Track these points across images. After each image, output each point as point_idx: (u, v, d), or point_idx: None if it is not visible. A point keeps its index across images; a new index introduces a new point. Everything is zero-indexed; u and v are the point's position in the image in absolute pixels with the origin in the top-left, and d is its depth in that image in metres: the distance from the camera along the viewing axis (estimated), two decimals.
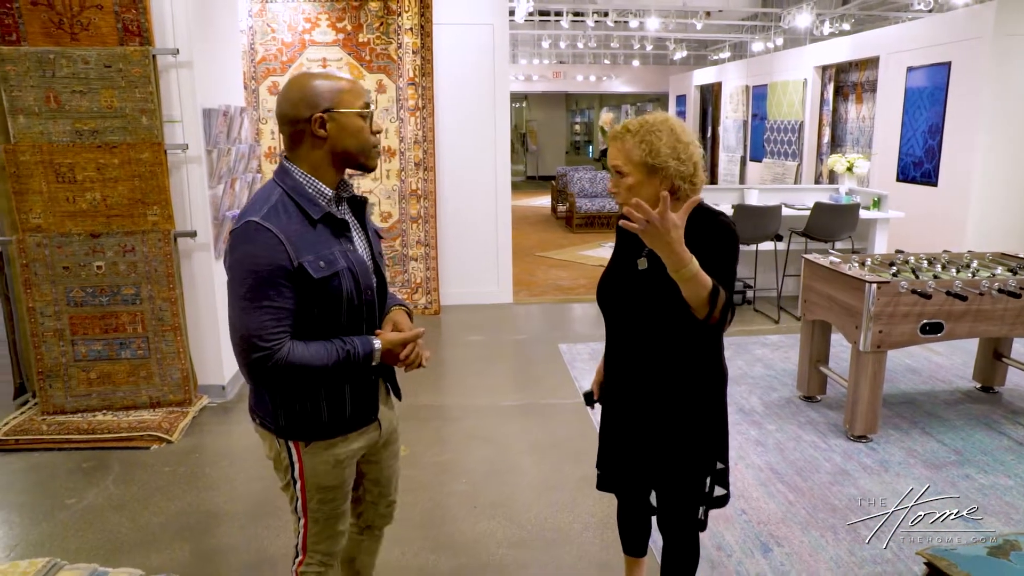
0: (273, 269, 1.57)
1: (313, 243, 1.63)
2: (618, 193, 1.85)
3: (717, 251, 1.79)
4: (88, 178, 3.96)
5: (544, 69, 18.93)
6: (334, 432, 1.78)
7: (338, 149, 1.67)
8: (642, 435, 1.99)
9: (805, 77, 10.65)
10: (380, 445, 1.98)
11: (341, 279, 1.66)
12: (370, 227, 1.86)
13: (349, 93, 1.66)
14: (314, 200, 1.67)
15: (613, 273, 1.99)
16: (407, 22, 6.18)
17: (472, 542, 3.01)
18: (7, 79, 3.79)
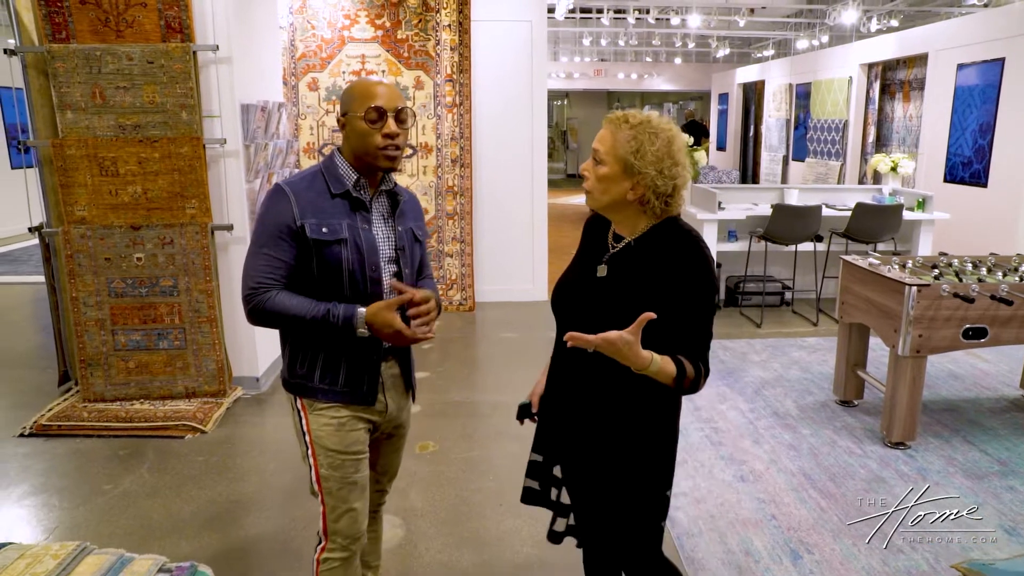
0: (279, 224, 1.79)
1: (323, 211, 1.82)
2: (587, 178, 1.72)
3: (692, 298, 1.63)
4: (130, 171, 4.05)
5: (585, 67, 18.83)
6: (326, 398, 1.90)
7: (354, 148, 1.85)
8: (581, 452, 1.80)
9: (850, 75, 10.42)
10: (383, 434, 2.08)
11: (342, 248, 1.82)
12: (403, 223, 1.97)
13: (357, 99, 1.82)
14: (339, 179, 1.86)
15: (570, 277, 1.84)
16: (445, 19, 6.19)
17: (496, 539, 3.00)
18: (56, 76, 3.90)
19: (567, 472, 1.86)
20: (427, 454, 3.76)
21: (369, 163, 1.84)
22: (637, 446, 1.74)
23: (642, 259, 1.67)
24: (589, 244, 1.86)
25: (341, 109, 1.87)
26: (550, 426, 1.91)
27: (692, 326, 1.64)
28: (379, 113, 1.79)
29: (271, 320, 1.81)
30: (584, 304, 1.73)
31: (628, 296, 1.64)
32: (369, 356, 1.92)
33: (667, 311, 1.59)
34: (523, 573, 2.79)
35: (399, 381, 2.06)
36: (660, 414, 1.75)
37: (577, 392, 1.80)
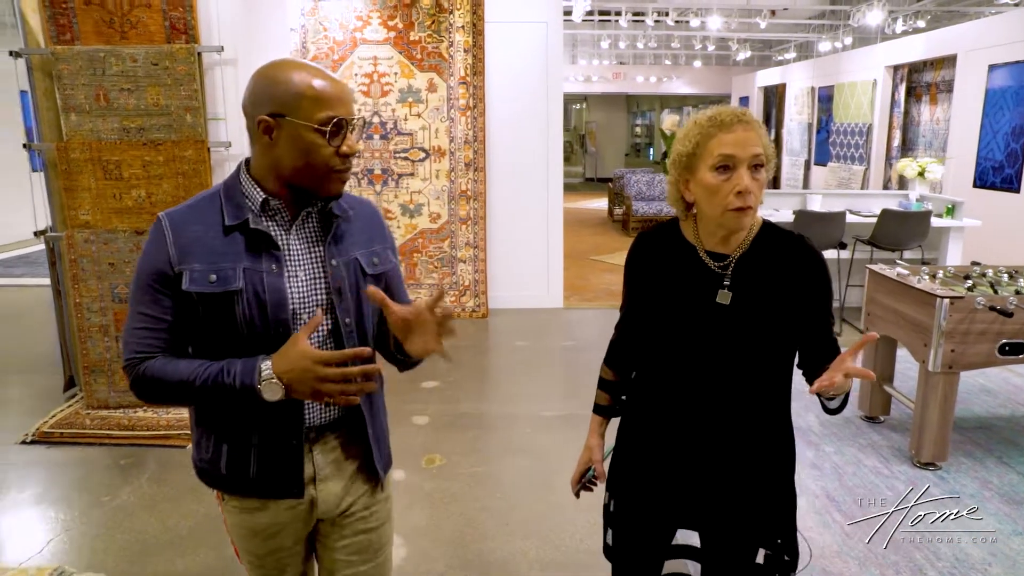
0: (153, 271, 1.36)
1: (212, 251, 1.36)
2: (750, 194, 1.43)
3: (827, 293, 1.55)
4: (134, 175, 3.97)
5: (604, 70, 18.69)
6: (235, 489, 1.48)
7: (284, 164, 1.35)
8: (704, 504, 1.62)
9: (875, 78, 10.19)
10: (330, 526, 1.57)
11: (236, 302, 1.35)
12: (341, 253, 1.46)
13: (309, 99, 1.31)
14: (239, 204, 1.38)
15: (680, 311, 1.56)
16: (459, 20, 6.08)
17: (502, 562, 2.87)
18: (61, 78, 3.83)
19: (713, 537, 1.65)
20: (433, 468, 3.63)
21: (309, 188, 1.38)
22: (788, 487, 1.64)
23: (762, 271, 1.52)
24: (668, 277, 1.59)
25: (265, 107, 1.33)
26: (682, 491, 1.64)
27: (829, 323, 1.56)
28: (339, 126, 1.33)
29: (156, 394, 1.37)
30: (709, 342, 1.53)
31: (759, 316, 1.51)
32: (286, 438, 1.43)
33: (802, 317, 1.52)
34: None
35: (345, 465, 1.54)
36: (787, 453, 1.64)
37: (707, 441, 1.59)
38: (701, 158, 1.47)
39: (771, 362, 1.54)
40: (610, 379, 1.83)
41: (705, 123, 1.47)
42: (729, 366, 1.53)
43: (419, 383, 4.75)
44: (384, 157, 6.33)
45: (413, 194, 6.40)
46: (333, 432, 1.50)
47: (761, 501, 1.60)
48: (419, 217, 6.44)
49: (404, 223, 6.44)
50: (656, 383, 1.64)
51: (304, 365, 1.28)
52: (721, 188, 1.44)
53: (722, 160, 1.43)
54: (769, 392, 1.57)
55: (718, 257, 1.54)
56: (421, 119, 6.26)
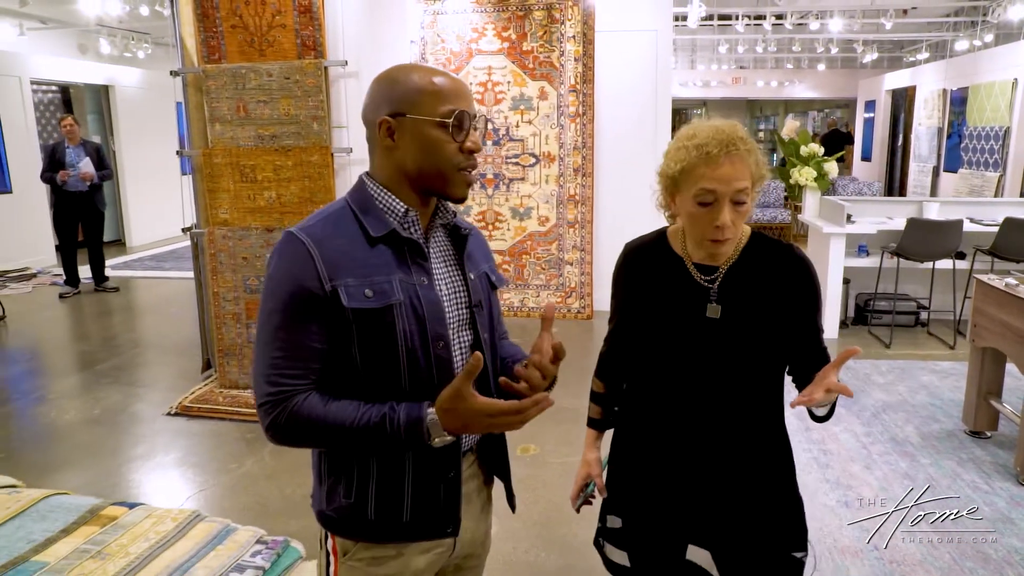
0: (297, 292, 1.22)
1: (363, 265, 1.26)
2: (727, 229, 1.45)
3: (814, 302, 1.55)
4: (266, 178, 4.42)
5: (723, 75, 18.38)
6: (383, 536, 1.34)
7: (408, 166, 1.30)
8: (708, 520, 1.60)
9: (1015, 77, 9.58)
10: (450, 568, 1.49)
11: (396, 317, 1.26)
12: (475, 268, 1.43)
13: (429, 94, 1.27)
14: (380, 216, 1.30)
15: (670, 325, 1.55)
16: (570, 30, 6.29)
17: (583, 545, 3.04)
18: (209, 92, 4.33)
19: (724, 553, 1.60)
20: (527, 457, 3.85)
21: (436, 188, 1.32)
22: (769, 506, 1.60)
23: (751, 283, 1.52)
24: (657, 290, 1.58)
25: (385, 108, 1.28)
26: (685, 506, 1.61)
27: (818, 332, 1.57)
28: (461, 119, 1.28)
29: (302, 438, 1.26)
30: (700, 356, 1.52)
31: (750, 328, 1.50)
32: (444, 469, 1.34)
33: (790, 327, 1.52)
34: None
35: (481, 492, 1.49)
36: (785, 465, 1.63)
37: (720, 458, 1.56)
38: (684, 185, 1.46)
39: (762, 373, 1.54)
40: (600, 391, 1.81)
41: (692, 151, 1.43)
42: (721, 379, 1.52)
43: None
44: (496, 162, 6.62)
45: (523, 198, 6.65)
46: (472, 453, 1.43)
47: (765, 511, 1.58)
48: (528, 220, 6.68)
49: (514, 226, 6.70)
50: (648, 397, 1.62)
51: (476, 421, 1.21)
52: (701, 220, 1.45)
53: (704, 195, 1.43)
54: (762, 402, 1.56)
55: (707, 270, 1.54)
56: (532, 126, 6.50)
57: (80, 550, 2.03)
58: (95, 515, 2.22)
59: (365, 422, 1.21)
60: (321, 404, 1.23)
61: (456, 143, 1.28)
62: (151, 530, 2.16)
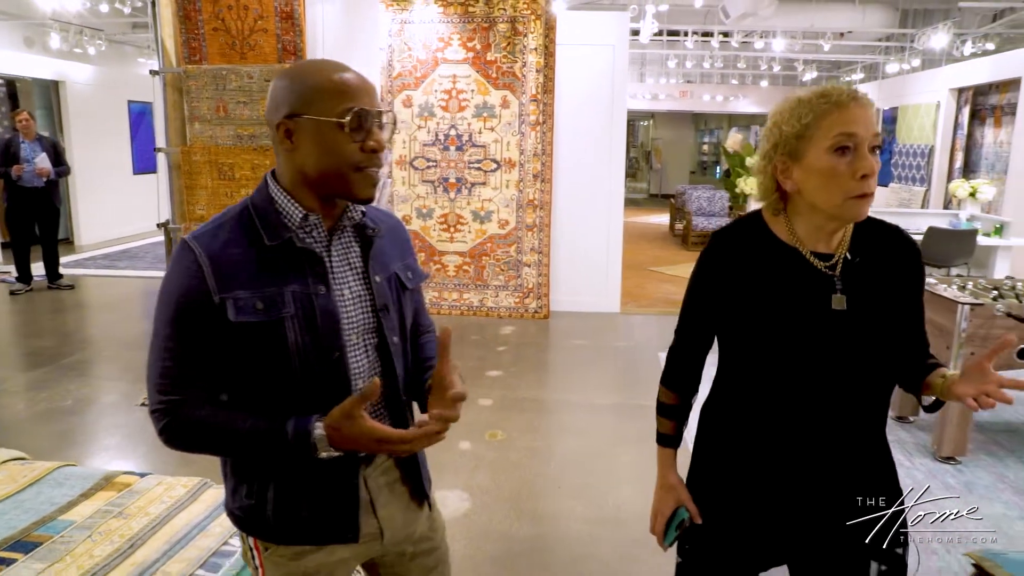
0: (187, 304, 1.22)
1: (255, 276, 1.24)
2: (875, 176, 1.33)
3: (922, 291, 1.49)
4: (244, 176, 4.59)
5: (671, 88, 19.00)
6: (283, 537, 1.34)
7: (308, 168, 1.25)
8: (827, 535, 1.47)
9: (939, 100, 10.29)
10: (402, 556, 1.48)
11: (287, 330, 1.24)
12: (382, 269, 1.38)
13: (326, 93, 1.22)
14: (277, 222, 1.27)
15: (792, 320, 1.41)
16: (532, 42, 6.59)
17: (552, 516, 3.31)
18: (189, 92, 4.48)
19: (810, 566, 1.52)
20: (495, 442, 4.10)
21: (338, 190, 1.27)
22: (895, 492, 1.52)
23: (870, 269, 1.43)
24: (768, 282, 1.43)
25: (283, 109, 1.24)
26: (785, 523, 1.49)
27: (924, 319, 1.50)
28: (361, 118, 1.22)
29: (193, 445, 1.26)
30: (827, 352, 1.40)
31: (877, 319, 1.41)
32: (340, 472, 1.32)
33: (906, 314, 1.45)
34: (574, 545, 3.09)
35: (399, 488, 1.44)
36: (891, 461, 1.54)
37: (841, 462, 1.46)
38: (814, 139, 1.33)
39: (884, 365, 1.44)
40: (672, 403, 1.64)
41: (816, 100, 1.33)
42: (847, 377, 1.41)
43: (484, 372, 5.24)
44: (459, 167, 6.87)
45: (484, 201, 6.92)
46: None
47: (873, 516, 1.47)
48: (488, 223, 6.95)
49: (475, 228, 6.96)
50: (755, 403, 1.48)
51: (363, 441, 1.21)
52: (841, 172, 1.31)
53: (843, 140, 1.30)
54: (880, 397, 1.47)
55: (822, 257, 1.42)
56: (494, 132, 6.78)
57: (102, 511, 2.20)
58: (110, 482, 2.39)
59: (253, 433, 1.21)
60: (211, 414, 1.23)
61: (356, 143, 1.23)
62: (164, 494, 2.34)
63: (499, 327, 6.60)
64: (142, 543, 2.02)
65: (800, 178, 1.37)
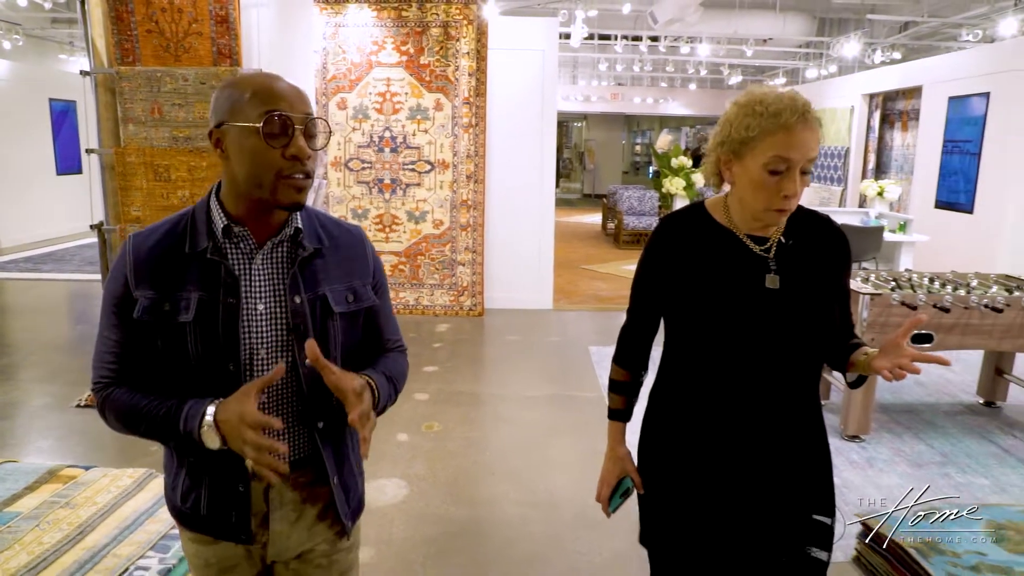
0: (115, 294, 1.32)
1: (171, 278, 1.30)
2: (794, 198, 1.45)
3: (848, 276, 1.61)
4: (180, 178, 4.62)
5: (603, 90, 19.42)
6: (190, 524, 1.43)
7: (237, 176, 1.28)
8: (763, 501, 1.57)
9: (852, 104, 10.88)
10: (284, 568, 1.50)
11: (187, 334, 1.29)
12: (306, 288, 1.37)
13: (247, 100, 1.24)
14: (203, 230, 1.32)
15: (728, 298, 1.51)
16: (465, 47, 6.75)
17: (487, 500, 3.49)
18: (123, 93, 4.49)
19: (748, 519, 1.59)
20: (432, 433, 4.25)
21: (261, 199, 1.28)
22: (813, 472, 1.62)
23: (802, 253, 1.54)
24: (707, 263, 1.54)
25: (215, 117, 1.29)
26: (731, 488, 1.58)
27: (849, 302, 1.61)
28: (283, 123, 1.24)
29: (118, 423, 1.34)
30: (761, 329, 1.51)
31: (807, 298, 1.52)
32: (233, 482, 1.36)
33: (834, 296, 1.56)
34: (507, 527, 3.27)
35: (303, 508, 1.45)
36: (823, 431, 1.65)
37: (758, 431, 1.55)
38: (754, 151, 1.43)
39: (815, 342, 1.54)
40: (623, 380, 1.73)
41: (765, 118, 1.40)
42: (780, 352, 1.51)
43: (420, 368, 5.37)
44: (393, 168, 6.98)
45: (419, 202, 7.05)
46: (297, 473, 1.41)
47: (803, 479, 1.59)
48: (423, 223, 7.08)
49: (410, 228, 7.08)
50: (698, 374, 1.58)
51: (235, 421, 1.21)
52: (769, 187, 1.43)
53: (776, 163, 1.41)
54: (811, 371, 1.57)
55: (757, 240, 1.54)
56: (428, 135, 6.92)
57: (48, 502, 2.27)
58: (54, 475, 2.46)
59: (157, 411, 1.27)
60: (127, 395, 1.31)
61: (276, 149, 1.24)
62: (111, 485, 2.42)
63: (435, 324, 6.75)
64: (91, 529, 2.11)
65: (736, 175, 1.49)
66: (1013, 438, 4.27)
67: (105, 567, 1.87)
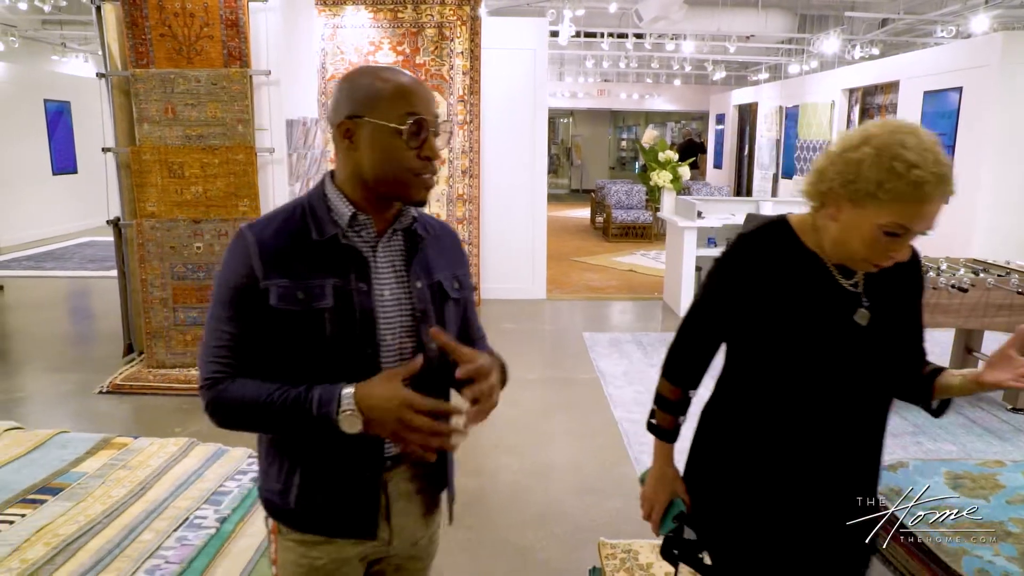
0: (236, 286, 1.28)
1: (300, 267, 1.29)
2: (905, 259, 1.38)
3: (922, 297, 1.54)
4: (193, 174, 4.85)
5: (589, 87, 19.70)
6: (303, 525, 1.38)
7: (365, 170, 1.30)
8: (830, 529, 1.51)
9: (833, 99, 11.22)
10: (396, 557, 1.49)
11: (325, 321, 1.29)
12: (424, 276, 1.40)
13: (387, 99, 1.26)
14: (327, 219, 1.33)
15: (814, 331, 1.42)
16: (459, 47, 7.01)
17: (492, 471, 3.77)
18: (137, 95, 4.72)
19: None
20: None
21: (393, 193, 1.32)
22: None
23: (886, 284, 1.45)
24: (792, 291, 1.43)
25: (347, 108, 1.29)
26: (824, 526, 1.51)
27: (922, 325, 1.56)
28: (419, 126, 1.26)
29: (233, 418, 1.30)
30: (847, 365, 1.43)
31: (893, 332, 1.45)
32: (362, 471, 1.35)
33: (916, 324, 1.51)
34: (511, 494, 3.55)
35: (416, 499, 1.46)
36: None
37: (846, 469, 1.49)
38: (877, 208, 1.30)
39: (895, 376, 1.49)
40: (673, 397, 1.61)
41: (905, 182, 1.26)
42: (864, 387, 1.45)
43: None
44: None
45: None
46: (408, 462, 1.41)
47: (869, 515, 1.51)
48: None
49: None
50: (769, 408, 1.48)
51: (392, 406, 1.21)
52: (875, 245, 1.33)
53: (897, 230, 1.30)
54: (888, 406, 1.52)
55: (846, 272, 1.43)
56: None
57: (108, 464, 2.53)
58: (108, 443, 2.72)
59: (283, 398, 1.24)
60: (244, 386, 1.27)
61: (412, 149, 1.27)
62: (160, 451, 2.68)
63: None
64: (150, 487, 2.37)
65: (844, 218, 1.35)
66: (981, 410, 4.59)
67: (169, 515, 2.13)
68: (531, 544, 3.12)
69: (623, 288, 8.38)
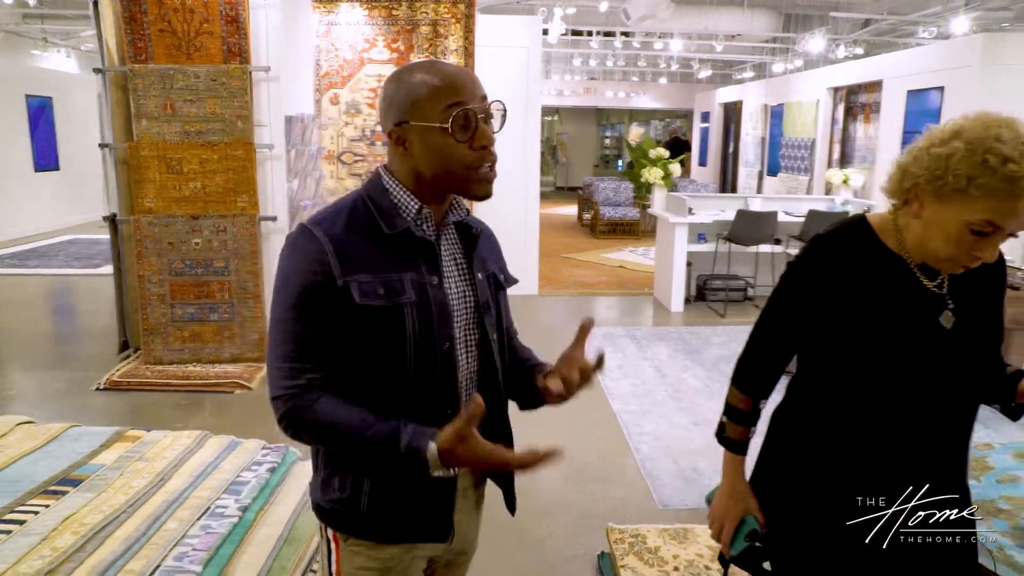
0: (311, 287, 1.22)
1: (376, 262, 1.25)
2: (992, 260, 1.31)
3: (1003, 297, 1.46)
4: (192, 170, 4.85)
5: (575, 85, 19.78)
6: (375, 534, 1.34)
7: (423, 171, 1.27)
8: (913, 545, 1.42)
9: (818, 98, 11.36)
10: (449, 553, 1.48)
11: (406, 315, 1.25)
12: (482, 268, 1.41)
13: (426, 98, 1.22)
14: (394, 211, 1.29)
15: (898, 336, 1.36)
16: (453, 44, 7.04)
17: None
18: (136, 90, 4.71)
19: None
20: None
21: (455, 190, 1.30)
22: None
23: (971, 286, 1.40)
24: (873, 294, 1.37)
25: (394, 115, 1.26)
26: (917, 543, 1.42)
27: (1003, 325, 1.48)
28: (466, 116, 1.22)
29: (310, 436, 1.27)
30: (932, 371, 1.37)
31: (979, 337, 1.40)
32: (440, 481, 1.28)
33: (1000, 326, 1.45)
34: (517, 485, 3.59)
35: (471, 494, 1.48)
36: None
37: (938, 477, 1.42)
38: (965, 204, 1.23)
39: (982, 379, 1.43)
40: (744, 408, 1.55)
41: (999, 176, 1.19)
42: (951, 391, 1.38)
43: None
44: None
45: None
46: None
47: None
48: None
49: None
50: (849, 415, 1.41)
51: (476, 462, 1.21)
52: (962, 244, 1.26)
53: (986, 228, 1.23)
54: (975, 410, 1.45)
55: (930, 273, 1.38)
56: None
57: (124, 456, 2.54)
58: (121, 436, 2.73)
59: (371, 437, 1.20)
60: (333, 408, 1.22)
61: (463, 142, 1.23)
62: (174, 443, 2.70)
63: None
64: (169, 478, 2.39)
65: (928, 216, 1.30)
66: None
67: (191, 505, 2.16)
68: (539, 533, 3.17)
69: (613, 284, 8.45)
